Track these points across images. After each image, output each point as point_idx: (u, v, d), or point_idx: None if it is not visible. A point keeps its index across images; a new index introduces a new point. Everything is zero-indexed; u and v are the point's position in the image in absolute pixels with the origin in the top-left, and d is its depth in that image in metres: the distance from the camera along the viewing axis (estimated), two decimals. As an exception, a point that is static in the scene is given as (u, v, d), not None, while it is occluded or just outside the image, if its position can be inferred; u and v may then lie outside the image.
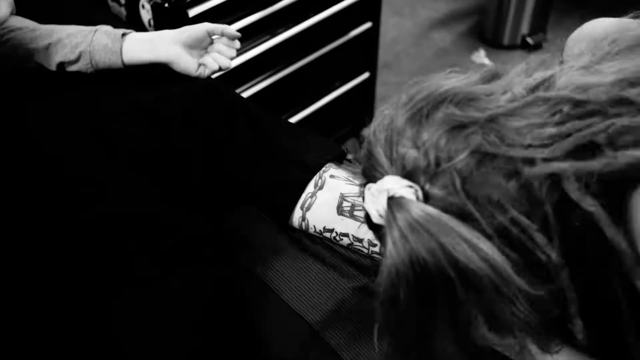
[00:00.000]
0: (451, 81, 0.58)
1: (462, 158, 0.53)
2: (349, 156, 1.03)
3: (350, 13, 1.69)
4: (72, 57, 1.05)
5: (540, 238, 0.53)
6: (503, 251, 0.52)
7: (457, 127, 0.54)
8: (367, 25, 1.78)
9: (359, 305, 0.86)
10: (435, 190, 0.54)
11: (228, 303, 0.86)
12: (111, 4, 1.47)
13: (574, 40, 0.78)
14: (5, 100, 1.03)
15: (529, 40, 2.44)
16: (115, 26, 1.09)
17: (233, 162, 0.96)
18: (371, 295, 0.85)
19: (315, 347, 0.83)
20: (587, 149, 0.53)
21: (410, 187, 0.54)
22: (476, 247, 0.51)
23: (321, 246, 0.94)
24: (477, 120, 0.54)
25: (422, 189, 0.54)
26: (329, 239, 0.93)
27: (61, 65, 1.06)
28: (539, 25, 2.46)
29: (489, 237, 0.52)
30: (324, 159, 0.95)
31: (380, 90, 2.07)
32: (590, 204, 0.52)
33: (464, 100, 0.56)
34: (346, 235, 0.90)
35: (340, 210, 0.90)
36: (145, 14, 1.38)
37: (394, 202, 0.54)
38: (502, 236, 0.52)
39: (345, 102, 1.86)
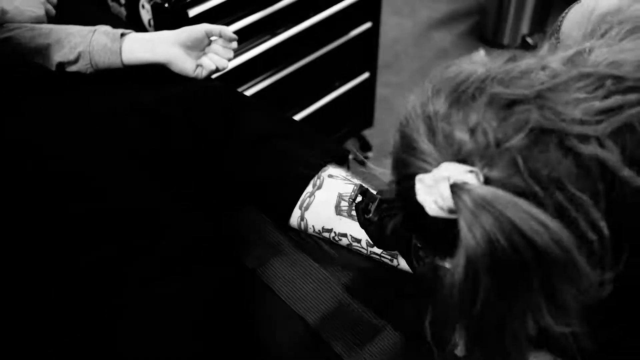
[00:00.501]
0: (481, 59, 0.57)
1: (522, 136, 0.52)
2: (350, 156, 1.03)
3: (350, 13, 1.69)
4: (72, 57, 1.05)
5: (595, 213, 0.51)
6: (571, 230, 0.51)
7: (507, 106, 0.53)
8: (367, 25, 1.78)
9: (361, 307, 0.86)
10: (495, 173, 0.52)
11: (228, 303, 0.86)
12: (111, 4, 1.47)
13: (571, 21, 0.77)
14: (5, 97, 1.03)
15: (529, 40, 2.44)
16: (115, 26, 1.09)
17: (233, 162, 0.96)
18: (372, 295, 0.86)
19: (315, 347, 0.83)
20: (626, 127, 0.52)
21: (471, 171, 0.52)
22: (546, 226, 0.49)
23: (323, 241, 0.94)
24: (526, 97, 0.53)
25: (482, 171, 0.52)
26: (328, 240, 0.93)
27: (60, 65, 1.06)
28: (539, 25, 2.46)
29: (553, 217, 0.51)
30: (325, 159, 0.95)
31: (380, 90, 2.07)
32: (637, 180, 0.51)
33: (507, 78, 0.54)
34: (345, 235, 0.90)
35: (338, 210, 0.90)
36: (145, 14, 1.38)
37: (458, 187, 0.51)
38: (561, 216, 0.51)
39: (345, 102, 1.86)
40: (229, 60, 1.09)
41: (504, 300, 0.52)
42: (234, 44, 1.09)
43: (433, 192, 0.53)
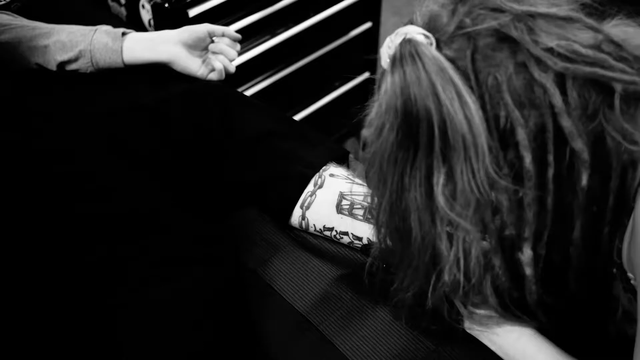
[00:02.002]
0: None
1: (484, 27, 0.55)
2: (351, 156, 1.03)
3: (350, 13, 1.69)
4: (72, 55, 1.05)
5: (521, 135, 0.54)
6: (487, 124, 0.54)
7: (493, 9, 0.56)
8: (367, 25, 1.78)
9: (362, 305, 0.86)
10: (448, 51, 0.56)
11: (228, 303, 0.86)
12: (111, 4, 1.47)
13: None
14: (7, 96, 1.03)
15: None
16: (115, 26, 1.09)
17: (233, 162, 0.96)
18: (371, 295, 0.86)
19: (317, 345, 0.83)
20: (599, 87, 0.54)
21: (427, 37, 0.56)
22: (465, 104, 0.52)
23: (324, 240, 0.94)
24: (514, 12, 0.55)
25: (438, 44, 0.56)
26: (329, 238, 0.93)
27: (61, 64, 1.06)
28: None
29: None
30: (325, 158, 0.95)
31: (380, 90, 2.07)
32: (579, 146, 0.54)
33: None
34: (346, 233, 0.90)
35: (339, 209, 0.90)
36: (146, 14, 1.38)
37: (406, 41, 0.56)
38: (490, 117, 0.54)
39: (345, 102, 1.86)
40: (232, 60, 1.09)
41: (402, 151, 0.55)
42: (238, 45, 1.09)
43: (390, 45, 0.58)
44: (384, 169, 0.57)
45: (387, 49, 0.59)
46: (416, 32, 0.57)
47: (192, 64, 1.07)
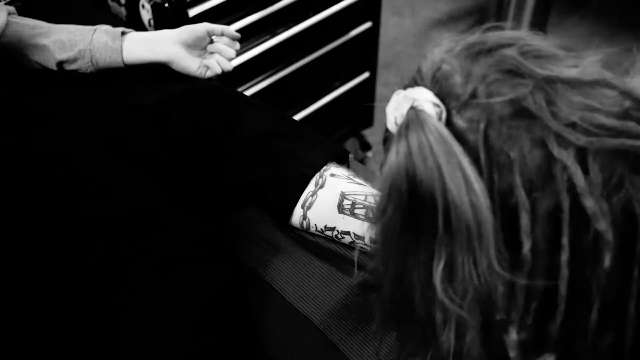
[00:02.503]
0: (525, 33, 0.55)
1: (499, 100, 0.51)
2: (351, 156, 1.03)
3: (350, 13, 1.69)
4: (72, 55, 1.05)
5: (524, 221, 0.50)
6: (494, 212, 0.50)
7: (511, 73, 0.52)
8: (367, 25, 1.78)
9: (364, 304, 0.86)
10: (460, 121, 0.51)
11: (228, 303, 0.86)
12: (111, 4, 1.47)
13: None
14: (7, 96, 1.03)
15: (529, 40, 2.44)
16: (115, 26, 1.09)
17: (233, 162, 0.96)
18: (375, 293, 0.86)
19: (319, 346, 0.83)
20: (624, 155, 0.49)
21: (437, 106, 0.52)
22: (471, 189, 0.49)
23: (325, 240, 0.94)
24: (534, 75, 0.51)
25: (449, 113, 0.52)
26: (330, 238, 0.93)
27: (61, 64, 1.06)
28: (539, 26, 2.46)
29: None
30: (326, 158, 0.95)
31: (380, 90, 2.07)
32: (603, 226, 0.49)
33: (532, 52, 0.53)
34: (347, 233, 0.90)
35: (341, 209, 0.90)
36: (145, 14, 1.38)
37: (414, 112, 0.52)
38: (498, 200, 0.50)
39: (345, 102, 1.86)
40: (231, 59, 1.09)
41: (407, 233, 0.52)
42: (238, 44, 1.09)
43: (398, 107, 0.54)
44: (388, 246, 0.55)
45: (394, 110, 0.54)
46: (426, 100, 0.52)
47: (190, 64, 1.07)
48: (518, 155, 0.50)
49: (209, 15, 1.38)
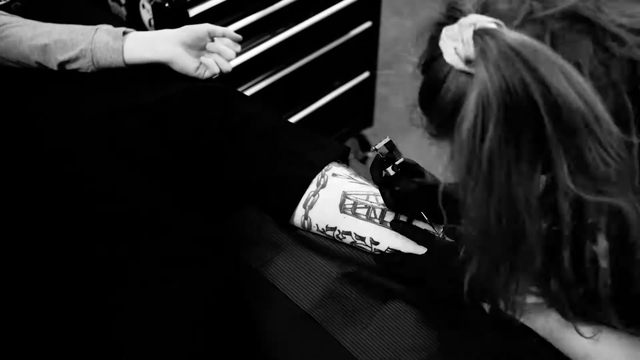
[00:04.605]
0: None
1: (558, 9, 0.52)
2: (351, 156, 1.03)
3: (350, 13, 1.69)
4: (73, 55, 1.05)
5: (603, 113, 0.51)
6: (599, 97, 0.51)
7: None
8: (367, 24, 1.78)
9: (367, 303, 0.86)
10: None
11: (228, 303, 0.86)
12: (111, 3, 1.47)
13: None
14: (9, 96, 1.03)
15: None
16: (116, 26, 1.09)
17: (234, 162, 0.96)
18: (376, 292, 0.86)
19: (322, 345, 0.83)
20: None
21: (498, 24, 0.52)
22: (573, 80, 0.49)
23: (327, 239, 0.94)
24: None
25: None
26: (332, 238, 0.93)
27: (62, 64, 1.06)
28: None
29: None
30: (327, 158, 0.95)
31: (380, 90, 2.07)
32: None
33: None
34: (349, 233, 0.90)
35: (342, 208, 0.90)
36: (146, 14, 1.38)
37: (483, 30, 0.52)
38: None
39: (345, 102, 1.86)
40: (230, 60, 1.09)
41: (510, 148, 0.52)
42: (239, 46, 1.10)
43: (456, 38, 0.54)
44: (487, 170, 0.53)
45: (452, 41, 0.54)
46: (486, 21, 0.53)
47: (189, 64, 1.07)
48: (586, 60, 0.52)
49: (209, 15, 1.38)
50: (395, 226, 0.86)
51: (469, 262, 0.62)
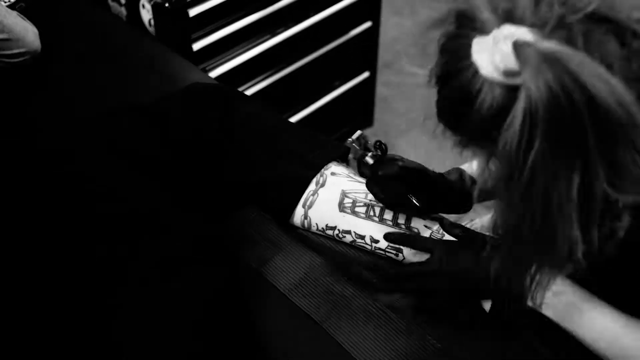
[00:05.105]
0: None
1: (584, 13, 0.53)
2: (350, 156, 1.03)
3: (350, 13, 1.69)
4: None
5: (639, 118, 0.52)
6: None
7: None
8: (367, 24, 1.78)
9: (366, 303, 0.86)
10: (554, 44, 0.52)
11: (228, 303, 0.86)
12: (111, 3, 1.47)
13: None
14: (8, 96, 1.03)
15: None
16: (116, 26, 1.09)
17: (234, 162, 0.96)
18: (379, 292, 0.86)
19: (322, 344, 0.83)
20: None
21: (534, 33, 0.53)
22: (610, 84, 0.50)
23: (327, 239, 0.94)
24: None
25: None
26: (331, 237, 0.93)
27: None
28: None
29: None
30: (326, 157, 0.95)
31: (380, 89, 2.07)
32: None
33: None
34: (348, 232, 0.90)
35: (341, 207, 0.90)
36: (146, 14, 1.38)
37: (523, 43, 0.52)
38: None
39: (345, 102, 1.86)
40: None
41: (557, 158, 0.52)
42: None
43: (492, 50, 0.54)
44: (528, 179, 0.54)
45: (491, 55, 0.54)
46: (523, 32, 0.53)
47: None
48: (614, 59, 0.53)
49: (209, 15, 1.38)
50: (390, 237, 0.86)
51: (494, 259, 0.63)
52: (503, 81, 0.54)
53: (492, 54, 0.54)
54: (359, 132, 0.84)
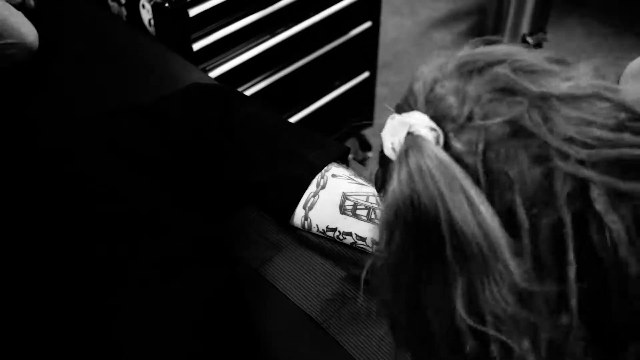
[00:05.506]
0: (516, 49, 0.55)
1: (497, 121, 0.50)
2: (350, 156, 1.03)
3: (350, 13, 1.70)
4: None
5: (526, 239, 0.49)
6: (503, 230, 0.49)
7: (505, 91, 0.51)
8: (367, 24, 1.78)
9: (367, 304, 0.86)
10: (457, 144, 0.51)
11: (228, 303, 0.86)
12: (111, 3, 1.47)
13: (630, 70, 0.75)
14: (7, 97, 1.03)
15: (529, 40, 2.44)
16: (116, 26, 1.09)
17: (234, 162, 0.96)
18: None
19: (322, 345, 0.83)
20: (628, 168, 0.49)
21: (434, 130, 0.51)
22: (476, 210, 0.48)
23: (327, 240, 0.94)
24: (528, 93, 0.51)
25: (446, 136, 0.51)
26: (332, 238, 0.93)
27: None
28: (539, 25, 2.46)
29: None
30: (327, 158, 0.95)
31: (380, 90, 2.07)
32: (613, 220, 0.48)
33: (524, 68, 0.53)
34: (349, 234, 0.90)
35: (342, 209, 0.90)
36: (146, 14, 1.38)
37: (411, 138, 0.51)
38: (505, 218, 0.49)
39: (345, 102, 1.86)
40: None
41: (416, 260, 0.51)
42: None
43: (394, 133, 0.53)
44: (397, 275, 0.53)
45: (390, 136, 0.54)
46: (422, 126, 0.52)
47: None
48: (518, 174, 0.49)
49: (209, 15, 1.38)
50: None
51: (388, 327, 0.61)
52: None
53: (392, 135, 0.54)
54: None
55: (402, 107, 0.57)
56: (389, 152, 0.54)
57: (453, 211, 0.48)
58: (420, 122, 0.52)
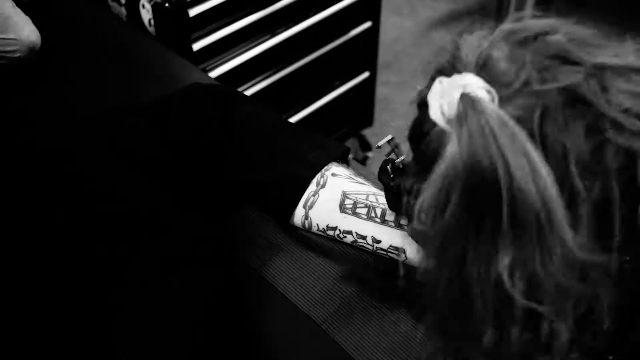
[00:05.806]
0: (560, 22, 0.54)
1: (555, 86, 0.49)
2: (350, 156, 1.03)
3: (350, 13, 1.70)
4: None
5: (583, 208, 0.48)
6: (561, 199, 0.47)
7: (561, 59, 0.51)
8: (367, 24, 1.78)
9: (366, 303, 0.86)
10: (511, 108, 0.49)
11: (228, 303, 0.86)
12: (111, 3, 1.47)
13: None
14: (7, 97, 1.03)
15: (529, 40, 2.44)
16: (116, 26, 1.09)
17: (233, 162, 0.96)
18: (378, 291, 0.86)
19: (321, 345, 0.83)
20: None
21: (490, 92, 0.50)
22: (538, 174, 0.46)
23: (327, 239, 0.94)
24: (584, 62, 0.50)
25: (500, 98, 0.49)
26: (332, 237, 0.93)
27: None
28: (539, 25, 2.46)
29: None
30: (327, 158, 0.95)
31: (380, 90, 2.07)
32: None
33: (578, 40, 0.52)
34: (350, 232, 0.90)
35: (342, 208, 0.90)
36: (146, 14, 1.38)
37: (469, 98, 0.49)
38: (559, 188, 0.47)
39: (345, 102, 1.86)
40: None
41: (467, 227, 0.49)
42: None
43: (444, 95, 0.51)
44: (446, 242, 0.51)
45: (439, 98, 0.52)
46: (477, 86, 0.50)
47: None
48: (573, 144, 0.48)
49: (209, 15, 1.38)
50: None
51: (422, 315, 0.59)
52: (447, 129, 0.51)
53: (442, 97, 0.51)
54: (390, 136, 0.81)
55: (446, 69, 0.55)
56: (437, 115, 0.52)
57: (515, 172, 0.46)
58: (474, 84, 0.50)
